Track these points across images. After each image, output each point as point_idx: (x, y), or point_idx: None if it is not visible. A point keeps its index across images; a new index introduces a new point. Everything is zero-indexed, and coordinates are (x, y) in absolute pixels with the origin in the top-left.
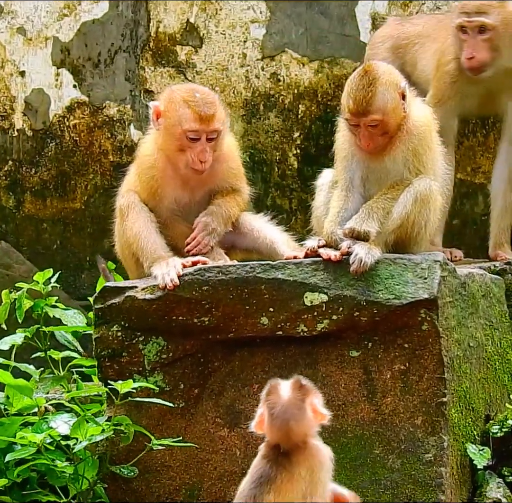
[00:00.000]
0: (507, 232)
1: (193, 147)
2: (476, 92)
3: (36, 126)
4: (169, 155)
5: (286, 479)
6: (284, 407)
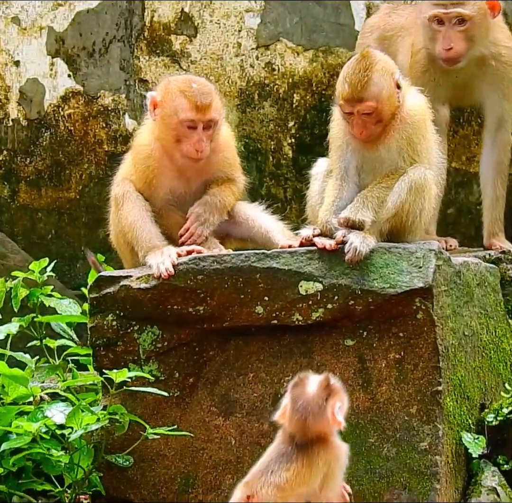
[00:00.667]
0: (500, 221)
1: (189, 137)
2: (447, 81)
3: (30, 116)
4: (166, 146)
5: (307, 464)
6: (306, 402)
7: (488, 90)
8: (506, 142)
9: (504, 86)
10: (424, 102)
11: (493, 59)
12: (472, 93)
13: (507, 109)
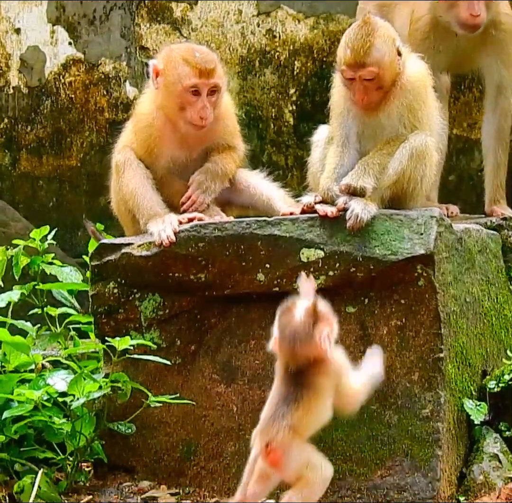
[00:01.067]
0: (502, 188)
1: (193, 104)
2: (447, 49)
3: (31, 83)
4: (169, 114)
5: (312, 396)
6: (293, 329)
7: (487, 57)
8: (507, 109)
9: (503, 54)
10: (424, 69)
11: (493, 27)
12: (471, 60)
13: (506, 77)
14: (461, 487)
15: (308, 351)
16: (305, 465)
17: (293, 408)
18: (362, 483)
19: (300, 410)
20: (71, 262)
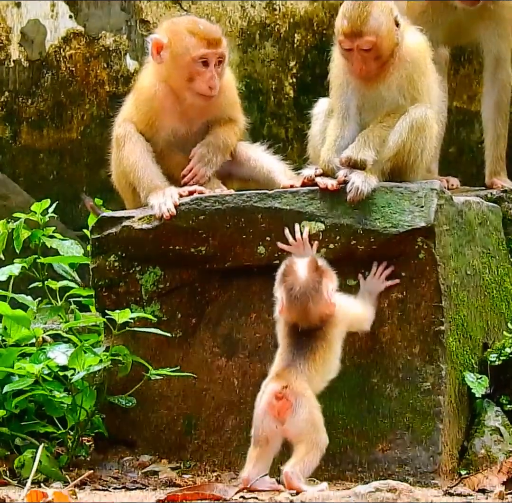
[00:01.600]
0: (502, 160)
1: (202, 74)
2: (445, 22)
3: (32, 57)
4: (176, 86)
5: (325, 345)
6: (303, 288)
7: (484, 31)
8: (506, 82)
9: (500, 27)
10: (423, 41)
11: (491, 1)
12: (469, 33)
13: (503, 50)
14: (463, 460)
15: (320, 308)
16: (310, 422)
17: (310, 359)
18: (363, 456)
19: (316, 361)
20: (72, 235)
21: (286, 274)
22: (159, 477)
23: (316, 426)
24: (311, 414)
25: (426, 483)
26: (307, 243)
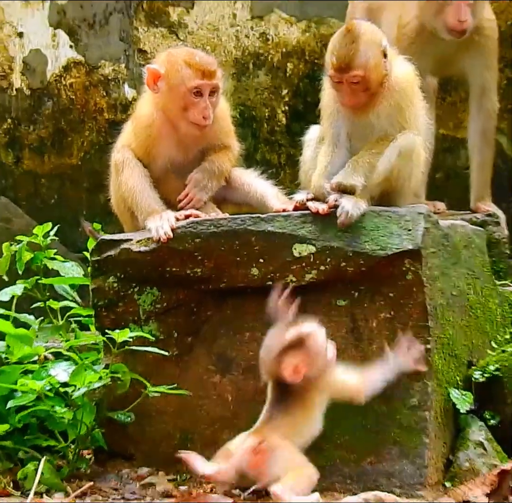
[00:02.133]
0: (487, 186)
1: (196, 105)
2: (433, 53)
3: (34, 85)
4: (171, 115)
5: (300, 405)
6: (267, 347)
7: (470, 61)
8: (491, 110)
9: (485, 58)
10: (411, 70)
11: (477, 33)
12: (456, 64)
13: (488, 79)
14: (448, 473)
15: (276, 372)
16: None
17: (289, 417)
18: (352, 469)
19: (296, 420)
20: (73, 257)
21: (271, 331)
22: (156, 489)
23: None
24: (288, 461)
25: (413, 494)
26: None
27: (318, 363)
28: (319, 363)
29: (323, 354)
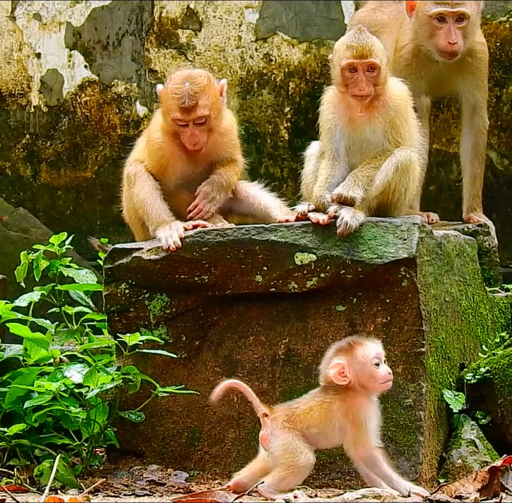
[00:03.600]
0: (478, 198)
1: (183, 132)
2: (427, 75)
3: (51, 103)
4: (170, 137)
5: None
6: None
7: (463, 82)
8: (482, 127)
9: (477, 79)
10: (405, 90)
11: (469, 55)
12: (448, 85)
13: (480, 98)
14: (441, 470)
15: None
16: (285, 448)
17: (306, 404)
18: (351, 466)
19: (305, 412)
20: (87, 265)
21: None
22: (165, 485)
23: (290, 450)
24: (279, 451)
25: None
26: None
27: (363, 374)
28: (363, 374)
29: (370, 368)
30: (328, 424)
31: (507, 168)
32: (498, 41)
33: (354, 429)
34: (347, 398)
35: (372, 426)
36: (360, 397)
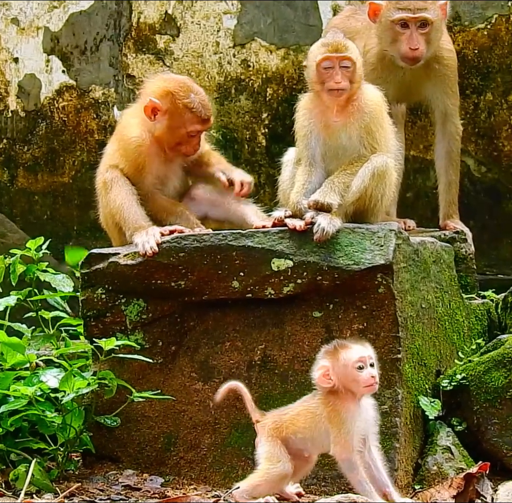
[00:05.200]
0: (455, 204)
1: (190, 142)
2: (394, 80)
3: (28, 108)
4: (164, 144)
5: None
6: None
7: (432, 89)
8: (455, 133)
9: (445, 86)
10: (380, 95)
11: (436, 62)
12: (418, 91)
13: (450, 105)
14: (417, 476)
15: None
16: (265, 457)
17: (289, 413)
18: (327, 472)
19: (292, 418)
20: (64, 270)
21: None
22: (141, 490)
23: (266, 458)
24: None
25: None
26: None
27: (345, 377)
28: (346, 378)
29: (352, 371)
30: (314, 429)
31: (484, 175)
32: (476, 48)
33: (335, 429)
34: (333, 401)
35: (355, 429)
36: (346, 400)
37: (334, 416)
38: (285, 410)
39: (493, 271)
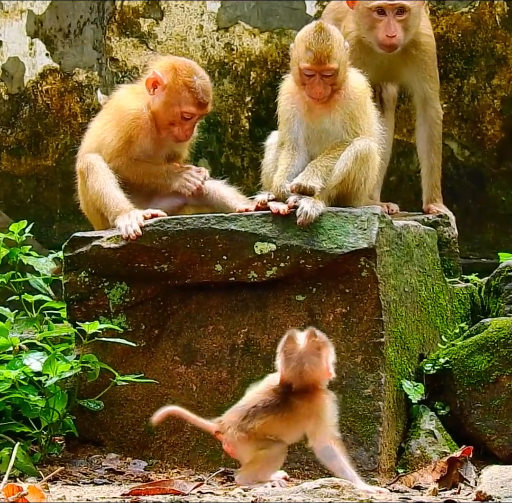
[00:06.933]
0: (437, 188)
1: (183, 125)
2: (372, 63)
3: (12, 91)
4: (158, 120)
5: (285, 417)
6: (301, 353)
7: (410, 74)
8: (435, 117)
9: (423, 71)
10: (364, 81)
11: (414, 47)
12: (397, 76)
13: (428, 90)
14: (400, 460)
15: (316, 372)
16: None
17: (259, 417)
18: (309, 456)
19: (262, 421)
20: (47, 253)
21: (287, 343)
22: (124, 474)
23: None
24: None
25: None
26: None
27: (319, 370)
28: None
29: (325, 365)
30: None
31: (468, 159)
32: (460, 32)
33: (313, 419)
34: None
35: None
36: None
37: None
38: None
39: (476, 254)
